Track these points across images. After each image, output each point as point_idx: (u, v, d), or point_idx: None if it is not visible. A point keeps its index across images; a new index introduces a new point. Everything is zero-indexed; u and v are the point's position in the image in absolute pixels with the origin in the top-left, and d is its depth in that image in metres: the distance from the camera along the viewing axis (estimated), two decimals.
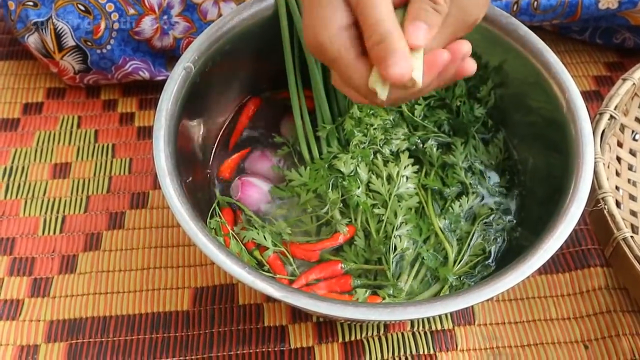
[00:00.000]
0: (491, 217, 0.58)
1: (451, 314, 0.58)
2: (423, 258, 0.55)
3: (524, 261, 0.48)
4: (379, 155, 0.59)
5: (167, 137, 0.52)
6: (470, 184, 0.59)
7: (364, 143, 0.59)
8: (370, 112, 0.60)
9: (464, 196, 0.58)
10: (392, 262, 0.55)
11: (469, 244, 0.57)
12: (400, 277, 0.55)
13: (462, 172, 0.59)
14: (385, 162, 0.59)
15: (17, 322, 0.57)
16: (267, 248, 0.56)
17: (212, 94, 0.60)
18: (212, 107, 0.62)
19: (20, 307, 0.58)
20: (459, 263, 0.56)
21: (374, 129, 0.60)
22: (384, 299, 0.53)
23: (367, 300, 0.53)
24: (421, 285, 0.55)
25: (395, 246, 0.55)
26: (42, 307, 0.58)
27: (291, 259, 0.56)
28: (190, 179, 0.56)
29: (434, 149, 0.60)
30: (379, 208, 0.56)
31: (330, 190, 0.57)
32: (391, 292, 0.54)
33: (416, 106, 0.62)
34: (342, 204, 0.57)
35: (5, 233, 0.63)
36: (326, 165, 0.58)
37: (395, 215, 0.56)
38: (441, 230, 0.57)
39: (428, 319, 0.58)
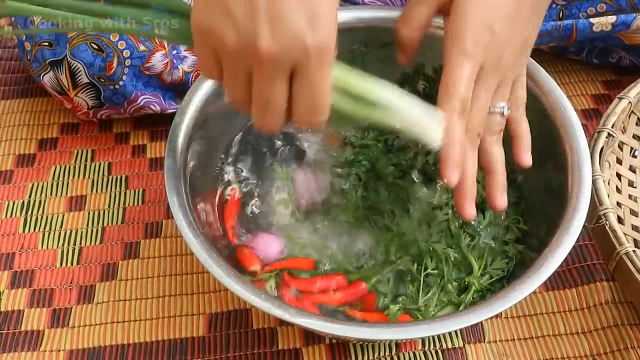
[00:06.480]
0: (499, 232, 0.59)
1: (461, 331, 0.59)
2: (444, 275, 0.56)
3: (530, 275, 0.49)
4: None
5: (178, 167, 0.54)
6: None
7: None
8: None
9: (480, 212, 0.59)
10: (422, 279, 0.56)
11: (489, 257, 0.58)
12: (430, 295, 0.56)
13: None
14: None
15: (37, 353, 0.58)
16: None
17: (219, 125, 0.62)
18: (220, 137, 0.64)
19: (40, 338, 0.59)
20: (483, 276, 0.57)
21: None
22: (416, 319, 0.54)
23: (398, 318, 0.54)
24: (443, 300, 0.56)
25: (426, 265, 0.57)
26: (62, 337, 0.59)
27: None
28: (203, 207, 0.58)
29: None
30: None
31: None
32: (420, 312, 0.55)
33: None
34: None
35: (25, 266, 0.65)
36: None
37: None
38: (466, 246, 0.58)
39: (439, 337, 0.58)
